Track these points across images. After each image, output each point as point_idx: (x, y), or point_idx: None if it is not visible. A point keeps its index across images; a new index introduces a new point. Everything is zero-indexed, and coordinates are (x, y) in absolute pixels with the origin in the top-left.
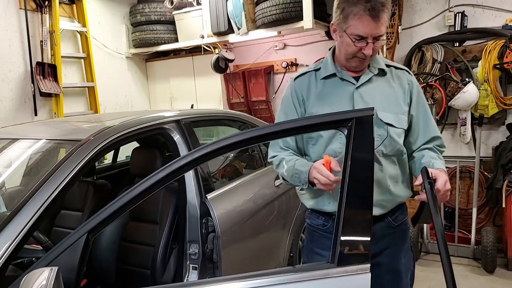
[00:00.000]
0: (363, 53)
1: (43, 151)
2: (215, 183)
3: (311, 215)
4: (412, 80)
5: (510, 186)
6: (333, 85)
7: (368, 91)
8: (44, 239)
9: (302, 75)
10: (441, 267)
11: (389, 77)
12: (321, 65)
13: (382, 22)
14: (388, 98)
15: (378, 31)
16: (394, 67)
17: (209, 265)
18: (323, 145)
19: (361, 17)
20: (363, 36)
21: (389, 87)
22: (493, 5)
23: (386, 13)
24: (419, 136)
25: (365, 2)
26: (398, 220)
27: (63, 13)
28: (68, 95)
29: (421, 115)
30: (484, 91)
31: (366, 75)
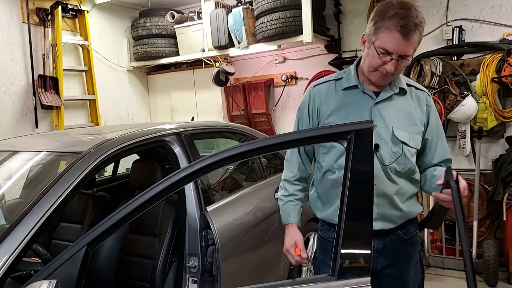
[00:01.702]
0: (385, 68)
1: (44, 163)
2: (215, 196)
3: (322, 227)
4: (431, 102)
5: (510, 199)
6: (354, 97)
7: (387, 108)
8: (43, 252)
9: (322, 83)
10: (442, 281)
11: (409, 96)
12: (343, 75)
13: (411, 42)
14: (405, 117)
15: (405, 50)
16: (415, 87)
17: (209, 278)
18: (335, 155)
19: (391, 31)
20: (389, 51)
21: (408, 106)
22: (490, 19)
23: (418, 35)
24: (434, 158)
25: (399, 19)
26: (409, 233)
27: (65, 26)
28: (69, 107)
29: (437, 139)
30: (482, 104)
31: (387, 92)
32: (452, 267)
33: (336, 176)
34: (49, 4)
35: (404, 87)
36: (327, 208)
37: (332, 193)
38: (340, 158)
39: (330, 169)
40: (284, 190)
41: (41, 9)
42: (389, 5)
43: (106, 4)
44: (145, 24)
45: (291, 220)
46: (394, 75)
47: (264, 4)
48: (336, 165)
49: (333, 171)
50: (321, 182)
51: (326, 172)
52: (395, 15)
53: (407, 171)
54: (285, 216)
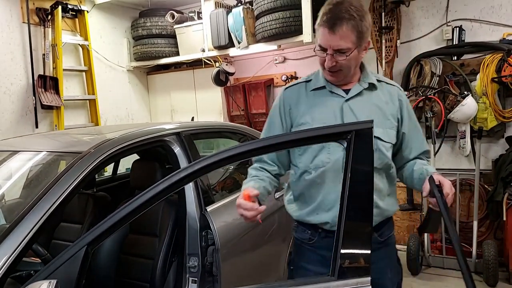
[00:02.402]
0: (325, 64)
1: (44, 163)
2: (215, 196)
3: (297, 228)
4: (403, 97)
5: (510, 199)
6: (323, 97)
7: (358, 104)
8: (43, 252)
9: (293, 86)
10: (442, 281)
11: (380, 92)
12: (312, 77)
13: (340, 35)
14: (377, 112)
15: (337, 44)
16: (385, 83)
17: (209, 278)
18: (311, 155)
19: (321, 28)
20: (322, 46)
21: (379, 101)
22: (490, 19)
23: (346, 28)
24: (412, 152)
25: (324, 15)
26: (384, 235)
27: (65, 26)
28: (69, 107)
29: (413, 132)
30: (482, 104)
31: (356, 88)
32: (452, 267)
33: (312, 176)
34: (49, 4)
35: (373, 82)
36: (303, 208)
37: (309, 193)
38: (316, 158)
39: (306, 170)
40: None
41: (41, 9)
42: (324, 5)
43: (106, 4)
44: (145, 24)
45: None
46: (343, 70)
47: (264, 4)
48: (312, 165)
49: (309, 172)
50: (297, 184)
51: (302, 174)
52: (324, 13)
53: (384, 166)
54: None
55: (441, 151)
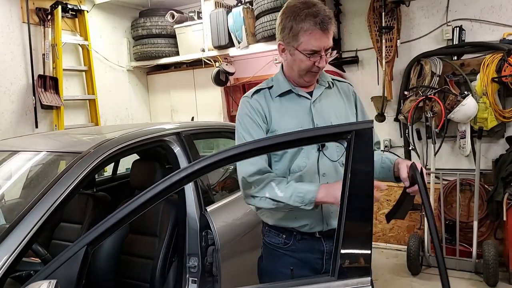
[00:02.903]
0: (318, 66)
1: (43, 163)
2: (215, 196)
3: (269, 233)
4: (355, 92)
5: (510, 199)
6: (291, 101)
7: (323, 105)
8: (43, 252)
9: (257, 92)
10: None
11: (336, 90)
12: (273, 83)
13: (331, 34)
14: (338, 109)
15: (329, 43)
16: (337, 81)
17: (209, 278)
18: (287, 160)
19: (312, 32)
20: (316, 50)
21: (339, 99)
22: (491, 19)
23: (333, 25)
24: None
25: (314, 18)
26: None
27: (65, 26)
28: (69, 107)
29: None
30: (483, 104)
31: (318, 89)
32: (452, 267)
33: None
34: (49, 4)
35: (329, 81)
36: (278, 214)
37: None
38: (293, 164)
39: (284, 175)
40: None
41: (41, 9)
42: (295, 8)
43: (106, 4)
44: (145, 24)
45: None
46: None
47: (264, 4)
48: (289, 170)
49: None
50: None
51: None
52: (308, 15)
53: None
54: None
55: (441, 151)
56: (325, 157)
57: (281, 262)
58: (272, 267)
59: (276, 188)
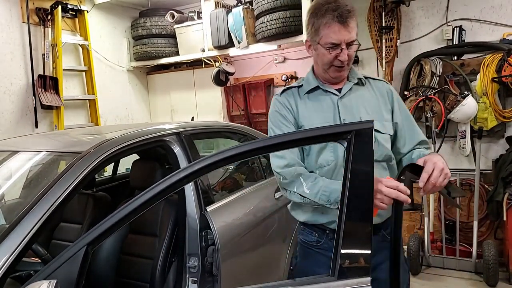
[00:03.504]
0: (339, 60)
1: (43, 163)
2: (215, 196)
3: (304, 231)
4: (391, 89)
5: (510, 199)
6: (317, 97)
7: (351, 100)
8: (43, 252)
9: (286, 90)
10: (442, 281)
11: (369, 87)
12: (303, 82)
13: (352, 28)
14: (371, 106)
15: (349, 36)
16: (372, 79)
17: (209, 278)
18: (315, 155)
19: (330, 25)
20: (336, 43)
21: (371, 96)
22: (491, 19)
23: (354, 19)
24: (406, 142)
25: (332, 11)
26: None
27: (65, 26)
28: (69, 107)
29: (405, 122)
30: (483, 104)
31: (347, 85)
32: (452, 267)
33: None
34: (49, 4)
35: (361, 77)
36: (309, 210)
37: None
38: (320, 157)
39: (312, 170)
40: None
41: (41, 9)
42: (318, 5)
43: (106, 4)
44: (145, 24)
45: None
46: (349, 64)
47: (264, 4)
48: (317, 165)
49: (314, 172)
50: None
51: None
52: (327, 10)
53: (384, 157)
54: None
55: (441, 151)
56: None
57: (315, 261)
58: (306, 266)
59: (304, 183)
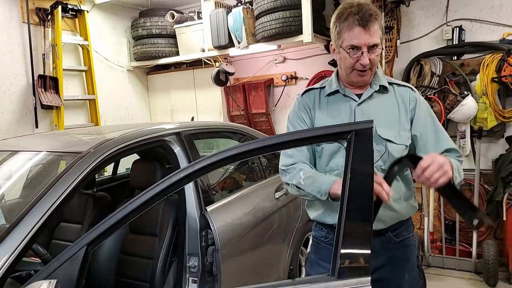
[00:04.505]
0: (361, 63)
1: (43, 163)
2: (215, 196)
3: (315, 227)
4: (416, 97)
5: (510, 199)
6: (336, 101)
7: (369, 107)
8: (43, 252)
9: (308, 91)
10: (442, 281)
11: (392, 94)
12: (326, 84)
13: (374, 31)
14: (389, 114)
15: (371, 40)
16: (397, 85)
17: (209, 278)
18: (326, 158)
19: (352, 28)
20: (356, 45)
21: (391, 103)
22: (490, 19)
23: (377, 23)
24: (429, 151)
25: (354, 15)
26: (401, 235)
27: (65, 26)
28: (69, 107)
29: (429, 130)
30: (482, 104)
31: (368, 91)
32: (452, 267)
33: None
34: (49, 4)
35: (384, 84)
36: (318, 209)
37: None
38: (331, 161)
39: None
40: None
41: (41, 9)
42: (342, 9)
43: (106, 4)
44: (145, 24)
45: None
46: (372, 68)
47: (264, 4)
48: (327, 168)
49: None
50: None
51: None
52: (350, 14)
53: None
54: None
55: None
56: None
57: (321, 254)
58: (314, 259)
59: (302, 176)
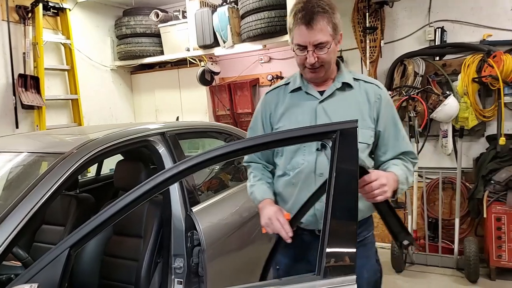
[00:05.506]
0: (308, 62)
1: (24, 164)
2: (200, 196)
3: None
4: (382, 95)
5: (490, 197)
6: (299, 98)
7: (331, 105)
8: (24, 255)
9: (273, 90)
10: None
11: (356, 91)
12: (291, 80)
13: (319, 29)
14: (351, 112)
15: (316, 38)
16: (364, 81)
17: (195, 279)
18: (288, 157)
19: (298, 26)
20: (302, 44)
21: (354, 101)
22: (471, 21)
23: (322, 21)
24: (388, 151)
25: (299, 12)
26: (361, 236)
27: (46, 25)
28: (51, 107)
29: (391, 130)
30: (464, 103)
31: (330, 89)
32: (435, 264)
33: (289, 177)
34: (30, 1)
35: (348, 81)
36: (283, 205)
37: (286, 193)
38: (292, 160)
39: (284, 171)
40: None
41: (21, 6)
42: (293, 5)
43: (89, 2)
44: (129, 23)
45: (267, 195)
46: (324, 65)
47: (249, 4)
48: (289, 166)
49: (287, 173)
50: (277, 183)
51: (281, 174)
52: (297, 11)
53: None
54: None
55: (424, 150)
56: (324, 157)
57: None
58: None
59: (251, 180)
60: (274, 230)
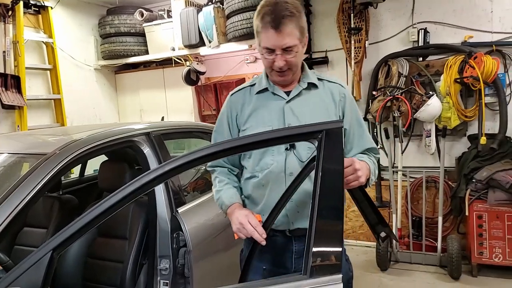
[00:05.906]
0: (276, 65)
1: (5, 165)
2: (186, 197)
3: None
4: (345, 93)
5: (472, 195)
6: (265, 99)
7: (298, 105)
8: (4, 259)
9: (238, 91)
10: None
11: (321, 90)
12: (256, 81)
13: (287, 33)
14: (318, 111)
15: (284, 42)
16: (327, 81)
17: (181, 280)
18: (257, 158)
19: (265, 30)
20: (270, 48)
21: (320, 100)
22: (453, 22)
23: (292, 23)
24: (354, 148)
25: (267, 16)
26: None
27: (27, 23)
28: (33, 107)
29: (355, 128)
30: (446, 103)
31: (296, 89)
32: (419, 262)
33: (258, 178)
34: None
35: (313, 81)
36: (252, 209)
37: (256, 195)
38: (261, 161)
39: (253, 172)
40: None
41: (1, 4)
42: (259, 7)
43: (71, 0)
44: (113, 22)
45: (235, 199)
46: (292, 68)
47: (235, 4)
48: (258, 167)
49: (256, 174)
50: (245, 185)
51: (249, 176)
52: (264, 14)
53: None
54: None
55: (408, 149)
56: (294, 157)
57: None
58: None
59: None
60: (246, 234)
